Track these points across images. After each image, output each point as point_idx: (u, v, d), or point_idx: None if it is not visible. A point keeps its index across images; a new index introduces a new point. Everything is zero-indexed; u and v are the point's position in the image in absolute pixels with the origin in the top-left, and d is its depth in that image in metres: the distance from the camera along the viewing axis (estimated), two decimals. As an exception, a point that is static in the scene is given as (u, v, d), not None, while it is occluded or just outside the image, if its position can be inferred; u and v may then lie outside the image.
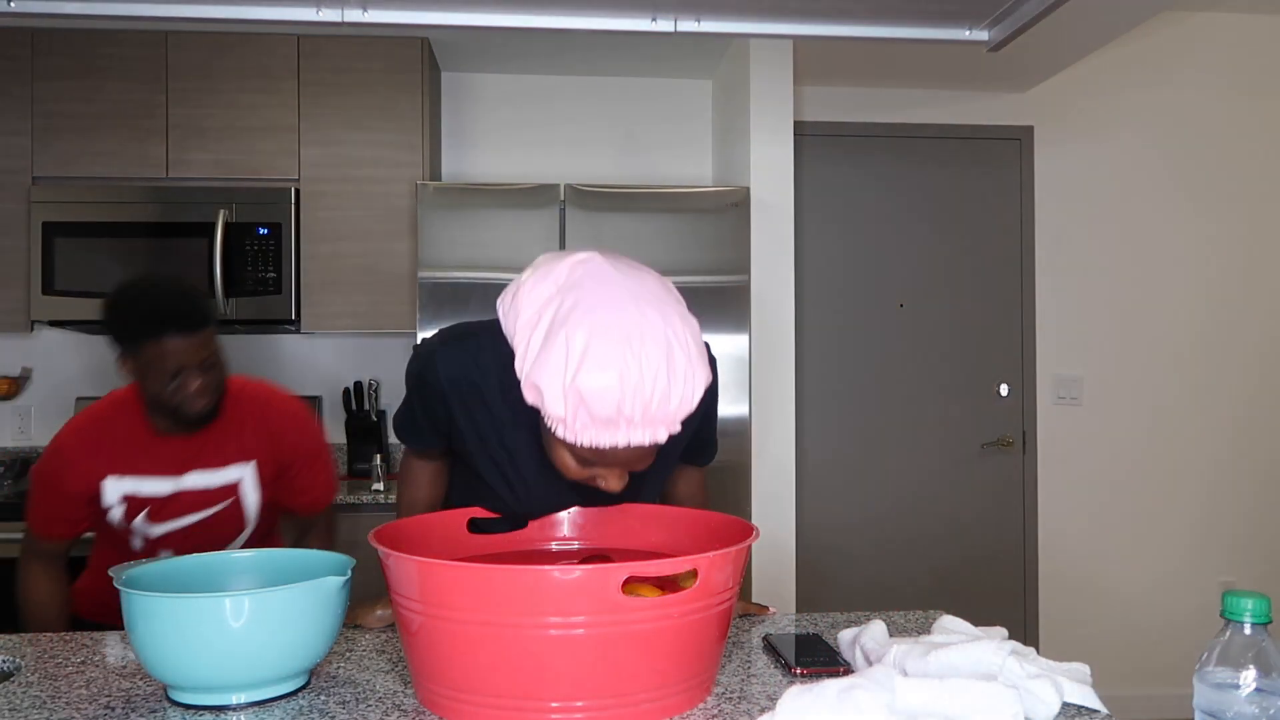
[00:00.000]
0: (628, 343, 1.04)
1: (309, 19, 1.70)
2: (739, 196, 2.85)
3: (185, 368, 1.63)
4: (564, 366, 1.04)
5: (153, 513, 1.73)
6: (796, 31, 1.79)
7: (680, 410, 1.08)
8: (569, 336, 1.05)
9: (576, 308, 1.06)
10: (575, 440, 1.09)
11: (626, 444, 1.08)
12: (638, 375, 1.04)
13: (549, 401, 1.07)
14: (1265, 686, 0.82)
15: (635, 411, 1.05)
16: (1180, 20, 3.66)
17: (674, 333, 1.07)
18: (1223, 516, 3.70)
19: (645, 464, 1.16)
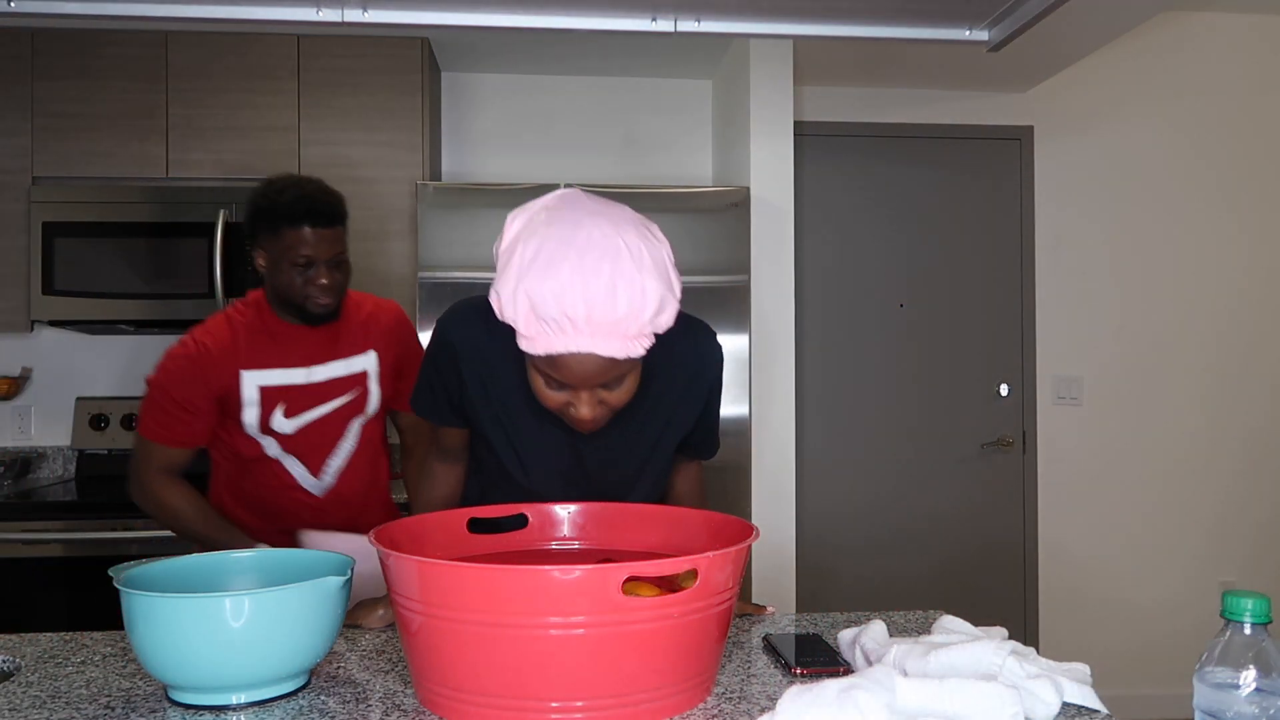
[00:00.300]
0: (575, 248, 1.09)
1: (309, 19, 1.70)
2: (739, 196, 2.85)
3: (316, 260, 1.74)
4: (517, 274, 1.11)
5: (289, 406, 1.80)
6: (796, 31, 1.79)
7: (627, 320, 1.10)
8: (524, 247, 1.11)
9: (540, 226, 1.13)
10: (533, 349, 1.14)
11: (575, 350, 1.11)
12: (581, 278, 1.08)
13: (505, 306, 1.13)
14: (1265, 686, 0.82)
15: (578, 313, 1.08)
16: (1180, 20, 3.66)
17: (626, 243, 1.11)
18: (1223, 516, 3.70)
19: (614, 394, 1.20)
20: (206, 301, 2.92)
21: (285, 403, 1.80)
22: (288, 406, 1.81)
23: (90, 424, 3.21)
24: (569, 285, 1.08)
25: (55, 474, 3.29)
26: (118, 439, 3.21)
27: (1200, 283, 3.70)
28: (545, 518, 1.37)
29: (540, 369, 1.18)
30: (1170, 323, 3.69)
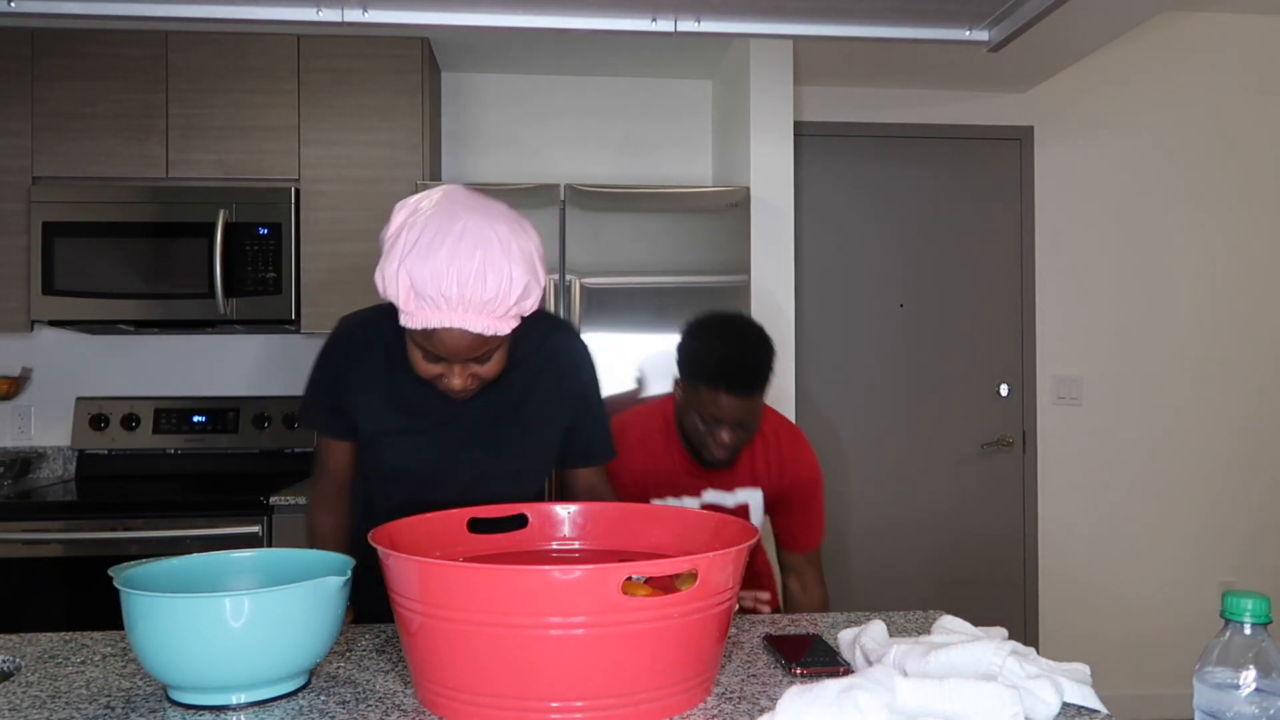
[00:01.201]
0: (451, 235, 1.23)
1: (309, 19, 1.70)
2: (739, 196, 2.85)
3: (723, 421, 1.69)
4: (399, 257, 1.24)
5: None
6: (796, 31, 1.79)
7: (495, 301, 1.25)
8: (408, 233, 1.25)
9: (419, 218, 1.26)
10: (411, 324, 1.27)
11: (449, 325, 1.25)
12: (455, 262, 1.22)
13: (387, 284, 1.26)
14: (1265, 686, 0.82)
15: (452, 293, 1.23)
16: (1180, 20, 3.66)
17: (497, 234, 1.25)
18: (1223, 516, 3.70)
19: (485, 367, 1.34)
20: (206, 301, 2.92)
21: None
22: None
23: (90, 424, 3.21)
24: (444, 267, 1.22)
25: (55, 474, 3.29)
26: (118, 439, 3.21)
27: (1200, 283, 3.70)
28: (545, 518, 1.37)
29: (418, 343, 1.31)
30: (1170, 323, 3.69)
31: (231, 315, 2.95)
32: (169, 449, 3.24)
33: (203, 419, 3.25)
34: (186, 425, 3.24)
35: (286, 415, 3.26)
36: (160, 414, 3.23)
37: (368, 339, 1.49)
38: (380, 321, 1.48)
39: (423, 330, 1.28)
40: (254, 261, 2.95)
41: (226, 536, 2.66)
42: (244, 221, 2.96)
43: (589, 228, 2.79)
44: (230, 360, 3.36)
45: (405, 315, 1.27)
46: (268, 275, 2.96)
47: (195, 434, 3.23)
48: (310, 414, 1.54)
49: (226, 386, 3.35)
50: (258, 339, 3.36)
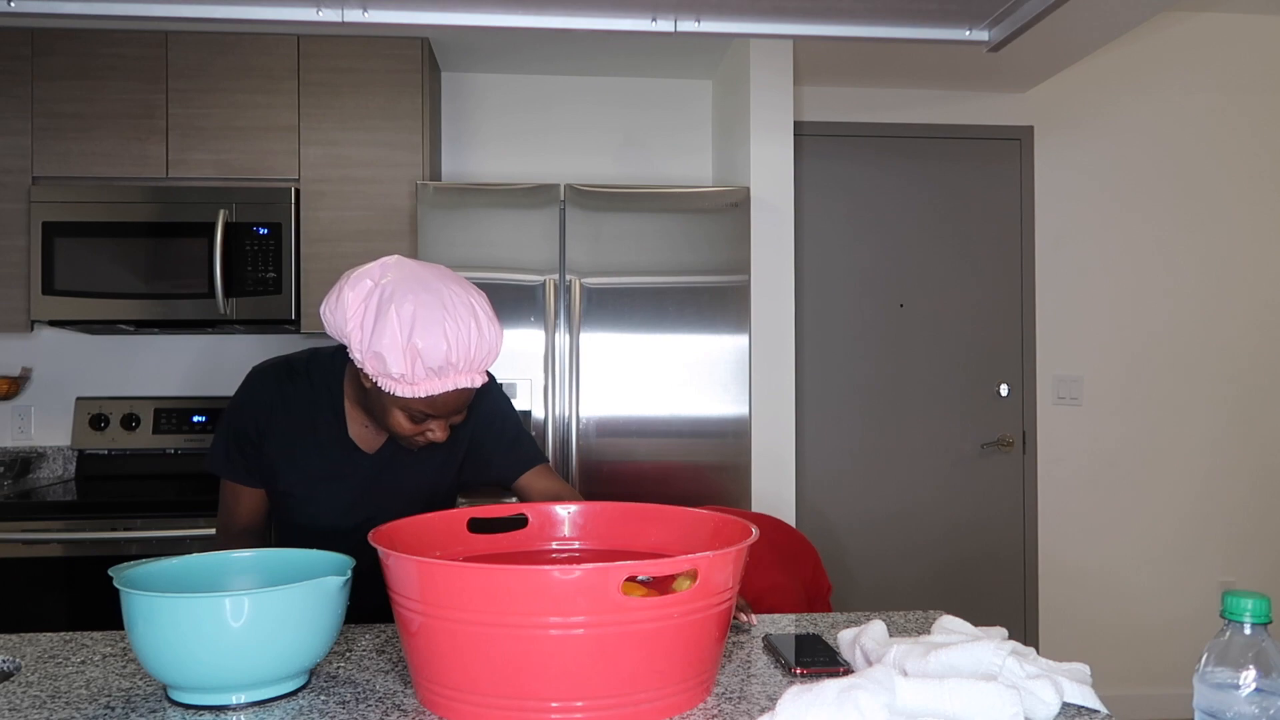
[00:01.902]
0: (444, 308, 1.32)
1: (309, 19, 1.70)
2: (739, 196, 2.85)
3: None
4: (399, 332, 1.30)
5: None
6: (796, 31, 1.79)
7: (490, 358, 1.38)
8: (398, 309, 1.31)
9: (398, 288, 1.32)
10: (413, 393, 1.34)
11: (455, 387, 1.35)
12: (455, 331, 1.32)
13: (391, 362, 1.31)
14: (1265, 686, 0.81)
15: (459, 359, 1.33)
16: (1180, 20, 3.66)
17: (475, 301, 1.37)
18: (1223, 516, 3.70)
19: (462, 414, 1.44)
20: (206, 301, 2.92)
21: None
22: None
23: (90, 424, 3.21)
24: (449, 336, 1.31)
25: (55, 474, 3.29)
26: (118, 439, 3.21)
27: (1200, 282, 3.70)
28: (545, 518, 1.37)
29: (412, 408, 1.38)
30: (1170, 322, 3.69)
31: (231, 315, 2.95)
32: (169, 449, 3.24)
33: (203, 419, 3.25)
34: (186, 425, 3.24)
35: (286, 415, 3.26)
36: (160, 414, 3.23)
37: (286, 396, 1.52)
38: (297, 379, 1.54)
39: (423, 397, 1.35)
40: (254, 261, 2.95)
41: (226, 536, 2.65)
42: (244, 221, 2.96)
43: (589, 228, 2.79)
44: (230, 360, 3.36)
45: (407, 386, 1.33)
46: (268, 275, 2.96)
47: (195, 434, 3.23)
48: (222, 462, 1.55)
49: (226, 386, 3.35)
50: (258, 339, 3.36)
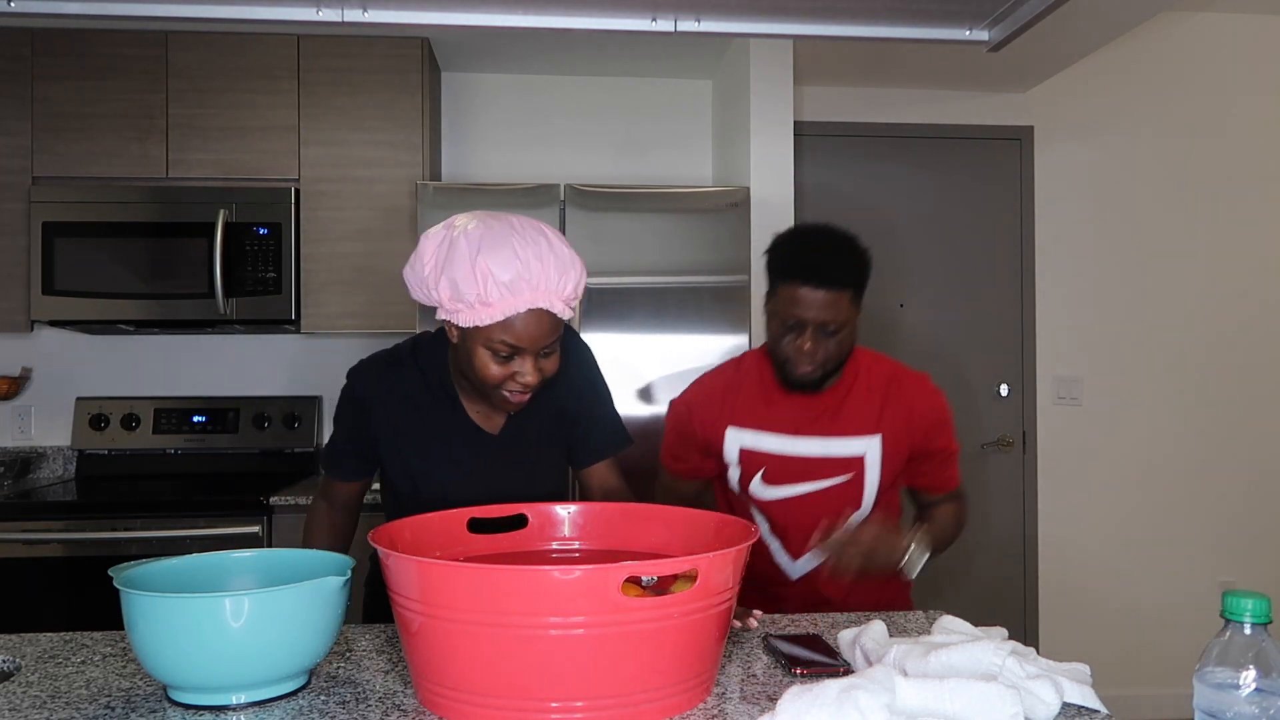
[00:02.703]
0: (513, 228, 1.31)
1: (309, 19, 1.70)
2: (739, 196, 2.85)
3: (806, 323, 1.56)
4: (469, 255, 1.29)
5: (768, 473, 1.67)
6: (796, 31, 1.78)
7: (566, 284, 1.33)
8: (466, 238, 1.30)
9: (468, 226, 1.32)
10: (490, 316, 1.30)
11: (531, 306, 1.30)
12: (525, 247, 1.29)
13: (463, 286, 1.29)
14: (1265, 686, 0.81)
15: (531, 274, 1.29)
16: (1180, 20, 3.66)
17: (544, 227, 1.34)
18: (1223, 516, 3.70)
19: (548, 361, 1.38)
20: (206, 301, 2.92)
21: (766, 468, 1.68)
22: (768, 473, 1.68)
23: (90, 424, 3.21)
24: (519, 252, 1.28)
25: (55, 474, 3.29)
26: (118, 439, 3.21)
27: (1200, 282, 3.70)
28: (545, 518, 1.37)
29: (493, 340, 1.33)
30: (1170, 322, 3.69)
31: (231, 315, 2.95)
32: (169, 449, 3.24)
33: (203, 419, 3.25)
34: (186, 425, 3.24)
35: (286, 415, 3.26)
36: (160, 414, 3.24)
37: (390, 388, 1.52)
38: (394, 371, 1.53)
39: (501, 323, 1.31)
40: (254, 261, 2.95)
41: (226, 536, 2.66)
42: (244, 221, 2.96)
43: (589, 228, 2.79)
44: (230, 360, 3.36)
45: (484, 310, 1.30)
46: (268, 275, 2.96)
47: (195, 434, 3.23)
48: (338, 464, 1.60)
49: (226, 386, 3.35)
50: (258, 339, 3.36)
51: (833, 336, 1.58)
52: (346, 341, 3.37)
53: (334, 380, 3.36)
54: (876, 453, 1.67)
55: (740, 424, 1.68)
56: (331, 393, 3.35)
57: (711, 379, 1.75)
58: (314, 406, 3.30)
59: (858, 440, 1.66)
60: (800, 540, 1.69)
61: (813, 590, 1.72)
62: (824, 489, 1.67)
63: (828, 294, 1.54)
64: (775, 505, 1.69)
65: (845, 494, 1.67)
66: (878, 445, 1.66)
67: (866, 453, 1.67)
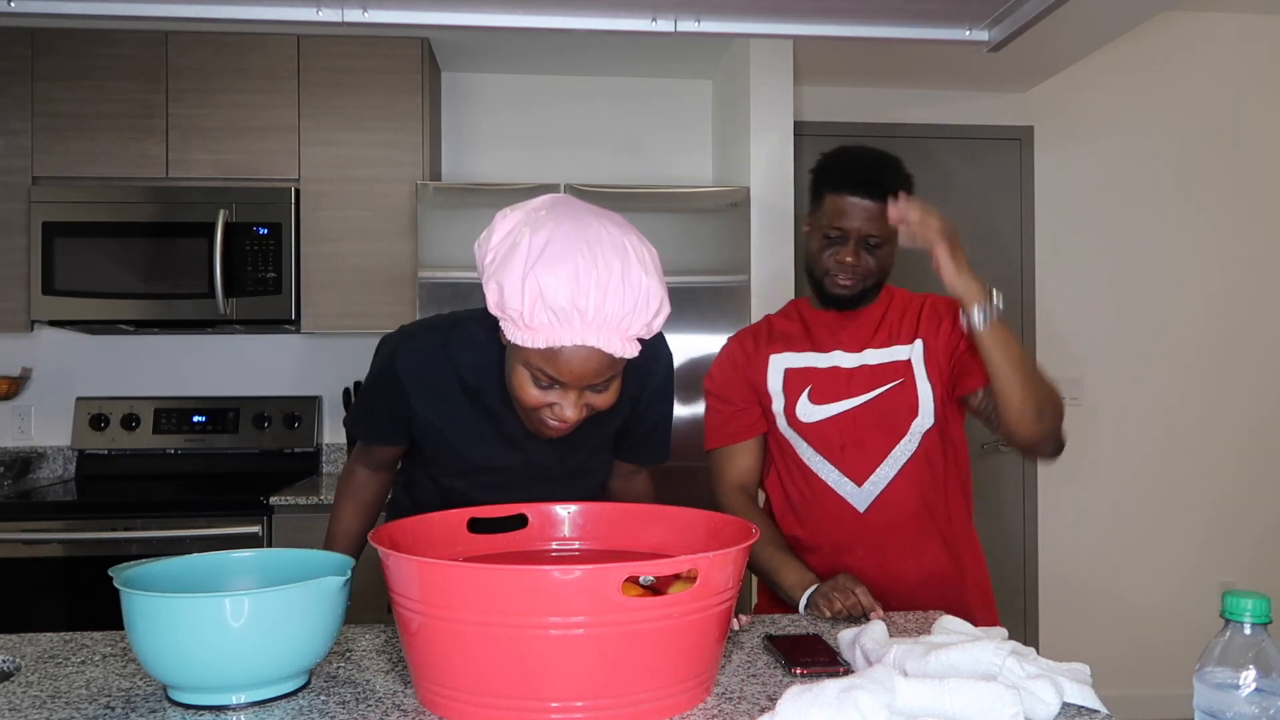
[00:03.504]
0: (586, 243, 1.11)
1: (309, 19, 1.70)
2: (739, 196, 2.85)
3: (850, 234, 1.57)
4: (525, 261, 1.11)
5: (815, 391, 1.64)
6: (796, 31, 1.79)
7: (633, 319, 1.13)
8: (531, 237, 1.12)
9: (545, 221, 1.14)
10: (533, 342, 1.13)
11: (582, 343, 1.12)
12: (591, 270, 1.10)
13: (509, 296, 1.12)
14: (1265, 686, 0.81)
15: (589, 306, 1.10)
16: (1180, 20, 3.66)
17: (630, 245, 1.14)
18: (1223, 516, 3.70)
19: (600, 396, 1.21)
20: (206, 301, 2.93)
21: (811, 385, 1.64)
22: (813, 390, 1.63)
23: (90, 424, 3.21)
24: (581, 276, 1.09)
25: (55, 474, 3.29)
26: (118, 439, 3.21)
27: (1200, 282, 3.70)
28: (545, 518, 1.37)
29: (533, 365, 1.17)
30: (1170, 323, 3.69)
31: (231, 315, 2.95)
32: (169, 449, 3.24)
33: (203, 419, 3.25)
34: (186, 425, 3.24)
35: (286, 415, 3.26)
36: (160, 414, 3.24)
37: (437, 367, 1.36)
38: (441, 349, 1.36)
39: (544, 350, 1.14)
40: (254, 261, 2.95)
41: (226, 536, 2.66)
42: (244, 221, 2.96)
43: (589, 228, 2.78)
44: (230, 360, 3.36)
45: (527, 332, 1.14)
46: (268, 275, 2.96)
47: (195, 434, 3.23)
48: (367, 429, 1.47)
49: (226, 386, 3.35)
50: (258, 339, 3.36)
51: (875, 251, 1.59)
52: (346, 341, 3.37)
53: (334, 380, 3.39)
54: (920, 355, 1.63)
55: (780, 350, 1.67)
56: (332, 393, 3.36)
57: (743, 332, 1.75)
58: (314, 406, 3.30)
59: (901, 348, 1.64)
60: (860, 460, 1.61)
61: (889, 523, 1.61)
62: (877, 397, 1.61)
63: (873, 204, 1.55)
64: (828, 425, 1.62)
65: (900, 400, 1.61)
66: (920, 349, 1.63)
67: (911, 357, 1.63)
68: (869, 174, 1.57)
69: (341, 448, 3.36)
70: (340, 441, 3.36)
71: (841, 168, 1.60)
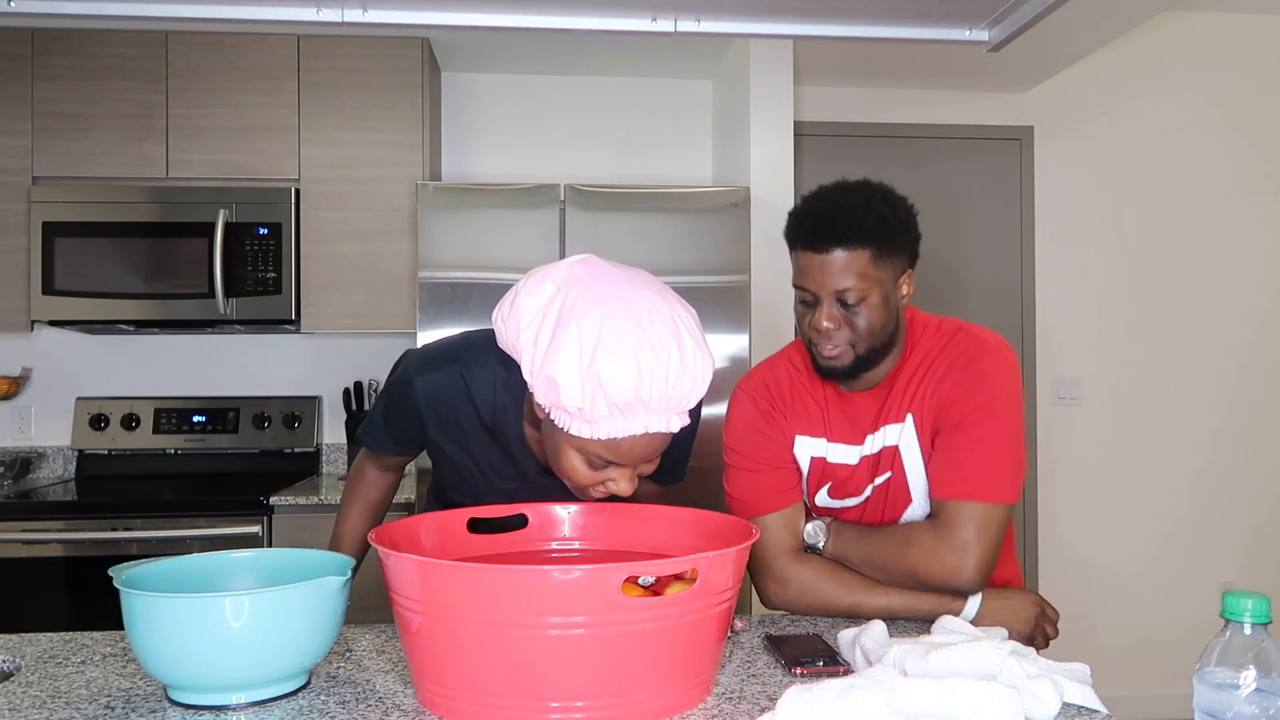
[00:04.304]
0: (639, 327, 1.05)
1: (309, 19, 1.70)
2: (739, 196, 2.85)
3: (820, 295, 1.31)
4: (579, 354, 1.04)
5: (834, 488, 1.45)
6: (796, 31, 1.79)
7: (692, 395, 1.09)
8: (580, 325, 1.05)
9: (583, 297, 1.07)
10: (592, 434, 1.08)
11: (644, 431, 1.09)
12: (651, 358, 1.04)
13: (565, 392, 1.06)
14: (1265, 686, 0.81)
15: (652, 395, 1.05)
16: (1180, 20, 3.66)
17: (679, 318, 1.09)
18: (1223, 516, 3.70)
19: (653, 463, 1.17)
20: (206, 301, 2.93)
21: (831, 482, 1.45)
22: (832, 487, 1.45)
23: (90, 424, 3.21)
24: (643, 365, 1.04)
25: (55, 474, 3.29)
26: (118, 439, 3.21)
27: (1200, 282, 3.70)
28: (545, 518, 1.36)
29: (590, 452, 1.13)
30: (1170, 323, 3.69)
31: (231, 315, 2.95)
32: (169, 449, 3.24)
33: (203, 419, 3.25)
34: (186, 425, 3.24)
35: (286, 415, 3.26)
36: (160, 414, 3.24)
37: (455, 399, 1.31)
38: (460, 379, 1.30)
39: (605, 441, 1.10)
40: (254, 261, 2.95)
41: (226, 536, 2.66)
42: (244, 221, 2.96)
43: (589, 228, 2.79)
44: (230, 360, 3.36)
45: (583, 423, 1.08)
46: (268, 275, 2.96)
47: (195, 434, 3.23)
48: (380, 443, 1.43)
49: (226, 386, 3.35)
50: (258, 339, 3.36)
51: (854, 308, 1.31)
52: (346, 341, 3.37)
53: (334, 380, 3.39)
54: (912, 438, 1.38)
55: (803, 430, 1.46)
56: (332, 393, 3.36)
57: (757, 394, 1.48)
58: (314, 406, 3.30)
59: (892, 428, 1.40)
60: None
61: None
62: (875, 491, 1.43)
63: (832, 256, 1.29)
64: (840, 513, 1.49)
65: (894, 492, 1.42)
66: (912, 429, 1.38)
67: (900, 441, 1.39)
68: (825, 220, 1.31)
69: (342, 448, 3.36)
70: (340, 441, 3.36)
71: (798, 217, 1.35)
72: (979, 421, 1.34)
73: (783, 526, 1.43)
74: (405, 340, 3.37)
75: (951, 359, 1.38)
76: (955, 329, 1.43)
